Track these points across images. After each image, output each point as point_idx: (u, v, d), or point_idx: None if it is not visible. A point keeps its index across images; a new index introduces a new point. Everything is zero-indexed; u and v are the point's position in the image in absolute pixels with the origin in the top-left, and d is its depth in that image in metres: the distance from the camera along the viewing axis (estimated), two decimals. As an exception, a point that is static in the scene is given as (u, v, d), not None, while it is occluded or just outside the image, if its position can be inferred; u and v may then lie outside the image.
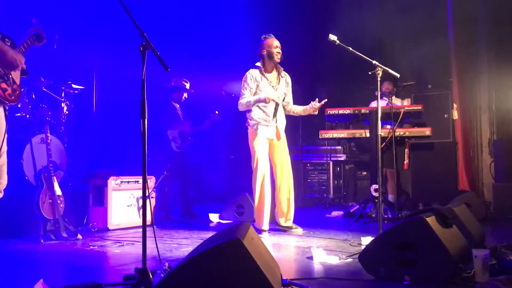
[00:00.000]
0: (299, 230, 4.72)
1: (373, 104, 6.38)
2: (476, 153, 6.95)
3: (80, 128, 6.41)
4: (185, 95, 6.26)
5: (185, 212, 6.10)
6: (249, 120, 4.72)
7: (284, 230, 4.75)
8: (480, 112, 7.03)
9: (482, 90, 7.02)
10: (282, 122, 4.78)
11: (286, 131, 4.87)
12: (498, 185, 6.17)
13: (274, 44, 4.62)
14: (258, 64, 4.71)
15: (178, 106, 6.28)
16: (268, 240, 4.31)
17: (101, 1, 6.32)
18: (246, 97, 4.61)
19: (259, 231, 4.50)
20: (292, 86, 4.94)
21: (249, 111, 4.68)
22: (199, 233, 4.79)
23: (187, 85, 6.23)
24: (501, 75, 6.77)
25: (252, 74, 4.65)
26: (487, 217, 5.65)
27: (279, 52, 4.61)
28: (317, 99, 4.67)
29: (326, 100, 4.64)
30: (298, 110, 4.87)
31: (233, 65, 8.11)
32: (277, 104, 4.65)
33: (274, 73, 4.75)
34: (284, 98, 4.84)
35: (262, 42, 4.67)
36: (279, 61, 4.64)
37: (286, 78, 4.85)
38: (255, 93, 4.63)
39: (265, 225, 4.56)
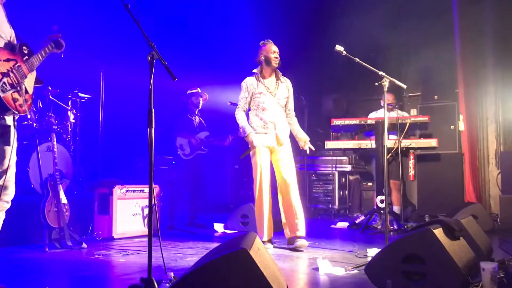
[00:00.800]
0: (302, 243, 4.32)
1: (373, 115, 6.41)
2: (483, 165, 6.92)
3: (87, 136, 6.43)
4: (201, 100, 6.36)
5: (189, 222, 6.11)
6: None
7: (290, 244, 4.40)
8: (486, 123, 7.01)
9: (489, 101, 7.01)
10: (282, 128, 4.56)
11: (291, 141, 4.69)
12: (505, 197, 6.12)
13: (272, 49, 4.51)
14: (255, 70, 4.60)
15: (197, 117, 6.41)
16: (271, 251, 4.22)
17: (108, 10, 6.35)
18: (242, 119, 4.55)
19: (263, 242, 4.35)
20: (297, 97, 4.92)
21: (247, 119, 4.59)
22: (204, 243, 4.77)
23: (199, 89, 6.33)
24: (508, 86, 6.76)
25: (247, 82, 4.55)
26: (494, 229, 5.62)
27: (277, 57, 4.50)
28: (309, 147, 4.67)
29: (313, 149, 4.72)
30: (295, 129, 4.75)
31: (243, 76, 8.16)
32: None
33: (273, 78, 4.60)
34: (285, 104, 4.66)
35: (260, 48, 4.57)
36: (277, 66, 4.53)
37: (286, 83, 4.67)
38: (251, 101, 4.54)
39: (265, 236, 4.45)
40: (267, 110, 4.49)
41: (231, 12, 8.13)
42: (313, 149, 4.69)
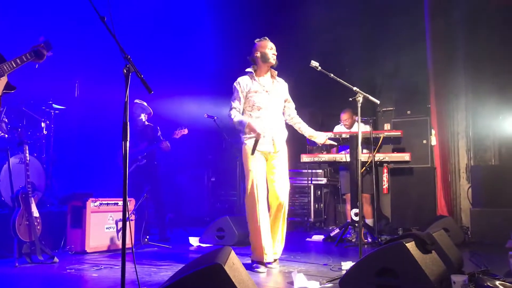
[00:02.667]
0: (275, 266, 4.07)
1: (337, 129, 6.60)
2: (454, 179, 7.07)
3: (60, 148, 6.34)
4: (143, 116, 6.22)
5: (160, 236, 6.01)
6: (242, 134, 4.20)
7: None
8: (457, 138, 7.18)
9: (460, 116, 7.19)
10: (280, 131, 4.19)
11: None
12: (475, 210, 6.26)
13: (269, 46, 4.15)
14: (248, 69, 4.24)
15: (147, 127, 6.25)
16: (264, 275, 3.81)
17: (83, 21, 6.33)
18: (237, 115, 4.10)
19: (257, 265, 3.95)
20: None
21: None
22: (179, 257, 4.73)
23: (144, 103, 6.20)
24: (478, 103, 6.96)
25: (240, 83, 4.16)
26: (465, 242, 5.73)
27: (275, 54, 4.14)
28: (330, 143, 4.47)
29: (335, 144, 4.52)
30: (305, 130, 4.38)
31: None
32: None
33: (268, 77, 4.21)
34: (284, 107, 4.33)
35: (255, 45, 4.20)
36: (274, 62, 4.15)
37: (282, 83, 4.31)
38: (246, 101, 4.14)
39: (268, 256, 3.98)
40: (263, 110, 4.09)
41: (194, 25, 8.19)
42: (335, 144, 4.52)
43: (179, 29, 8.17)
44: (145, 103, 6.22)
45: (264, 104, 4.10)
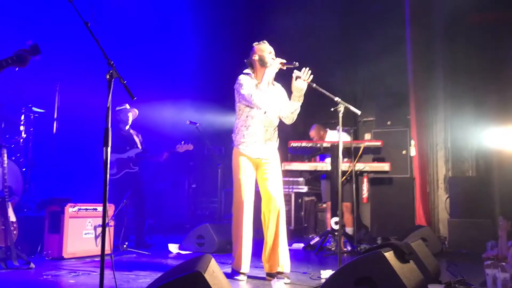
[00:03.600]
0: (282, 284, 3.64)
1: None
2: (433, 189, 7.18)
3: (39, 152, 6.25)
4: (130, 116, 6.15)
5: (139, 242, 5.96)
6: (233, 137, 4.06)
7: (270, 276, 3.89)
8: (436, 149, 7.31)
9: (439, 128, 7.33)
10: (273, 139, 4.08)
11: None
12: (453, 221, 6.37)
13: (268, 50, 4.02)
14: (247, 71, 4.08)
15: (131, 133, 6.20)
16: (245, 285, 3.76)
17: (65, 23, 6.27)
18: (254, 91, 3.87)
19: (236, 273, 3.90)
20: None
21: (236, 127, 4.06)
22: (157, 264, 4.69)
23: (127, 105, 6.14)
24: (456, 115, 7.10)
25: (244, 78, 3.99)
26: (442, 252, 5.82)
27: (273, 58, 3.99)
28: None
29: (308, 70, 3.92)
30: (288, 105, 4.04)
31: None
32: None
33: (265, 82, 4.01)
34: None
35: (253, 48, 4.07)
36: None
37: (278, 87, 4.15)
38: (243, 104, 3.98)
39: (245, 267, 3.89)
40: (259, 114, 3.96)
41: (177, 32, 8.21)
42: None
43: (162, 35, 8.17)
44: (127, 106, 6.18)
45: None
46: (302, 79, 3.89)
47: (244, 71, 4.10)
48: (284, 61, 3.97)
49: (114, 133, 6.09)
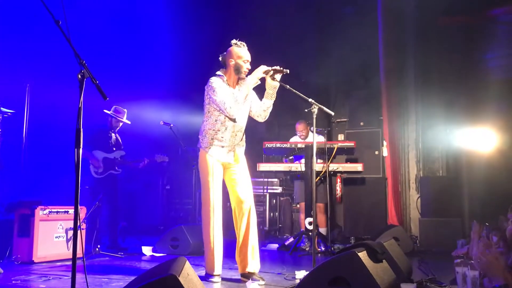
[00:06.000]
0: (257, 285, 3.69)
1: (292, 140, 6.64)
2: (404, 189, 7.30)
3: (8, 154, 6.08)
4: (121, 124, 6.16)
5: (112, 245, 5.88)
6: (201, 139, 3.98)
7: (245, 277, 3.88)
8: (408, 150, 7.44)
9: (410, 129, 7.46)
10: (242, 144, 4.06)
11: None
12: (424, 220, 6.49)
13: (245, 57, 3.88)
14: (219, 72, 3.97)
15: (114, 135, 6.14)
16: (218, 285, 3.76)
17: (35, 20, 6.13)
18: (228, 99, 3.77)
19: (210, 275, 3.86)
20: None
21: (203, 128, 3.97)
22: (131, 267, 4.63)
23: (124, 117, 6.11)
24: (427, 116, 7.25)
25: (217, 81, 3.87)
26: (414, 251, 5.92)
27: (248, 68, 3.89)
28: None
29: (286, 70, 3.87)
30: (261, 104, 4.03)
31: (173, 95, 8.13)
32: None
33: (237, 87, 3.98)
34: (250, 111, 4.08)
35: (230, 48, 3.91)
36: (245, 76, 3.92)
37: (250, 93, 3.99)
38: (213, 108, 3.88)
39: (217, 269, 3.86)
40: (231, 121, 3.88)
41: (151, 30, 8.14)
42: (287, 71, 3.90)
43: (135, 33, 8.07)
44: (125, 112, 6.13)
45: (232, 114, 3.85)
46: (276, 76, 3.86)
47: (217, 73, 3.98)
48: (270, 68, 3.87)
49: (103, 131, 6.04)
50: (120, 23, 7.75)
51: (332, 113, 4.20)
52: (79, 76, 2.57)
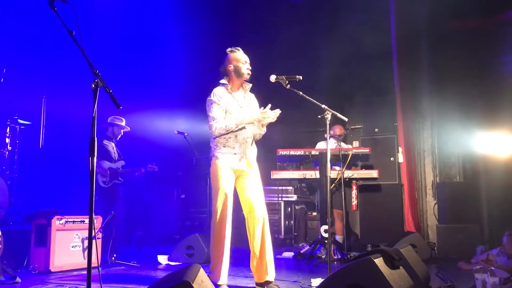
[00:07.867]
0: None
1: (320, 145, 6.51)
2: (421, 195, 7.22)
3: (25, 165, 6.17)
4: (122, 132, 6.19)
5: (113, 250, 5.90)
6: (212, 148, 3.96)
7: (260, 286, 3.85)
8: (423, 156, 7.36)
9: (425, 134, 7.39)
10: (252, 150, 4.01)
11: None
12: (441, 226, 6.39)
13: (243, 59, 3.92)
14: (223, 81, 3.98)
15: (114, 144, 6.18)
16: None
17: (51, 35, 6.23)
18: (220, 120, 3.81)
19: (215, 285, 3.69)
20: None
21: (215, 137, 3.91)
22: (146, 276, 4.64)
23: (123, 123, 6.15)
24: (443, 121, 7.17)
25: (217, 93, 3.89)
26: (432, 258, 5.83)
27: (249, 69, 3.92)
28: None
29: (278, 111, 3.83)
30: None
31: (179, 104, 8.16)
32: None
33: (241, 91, 4.00)
34: None
35: (227, 56, 3.96)
36: (248, 78, 3.95)
37: (252, 98, 4.10)
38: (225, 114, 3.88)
39: (222, 279, 3.75)
40: (244, 128, 3.84)
41: (164, 40, 8.20)
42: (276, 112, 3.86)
43: (149, 44, 8.15)
44: (123, 120, 6.18)
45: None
46: (270, 116, 3.80)
47: (221, 81, 3.99)
48: (264, 121, 3.82)
49: (102, 141, 6.09)
50: (133, 34, 7.84)
51: (346, 119, 4.16)
52: (93, 86, 2.59)
